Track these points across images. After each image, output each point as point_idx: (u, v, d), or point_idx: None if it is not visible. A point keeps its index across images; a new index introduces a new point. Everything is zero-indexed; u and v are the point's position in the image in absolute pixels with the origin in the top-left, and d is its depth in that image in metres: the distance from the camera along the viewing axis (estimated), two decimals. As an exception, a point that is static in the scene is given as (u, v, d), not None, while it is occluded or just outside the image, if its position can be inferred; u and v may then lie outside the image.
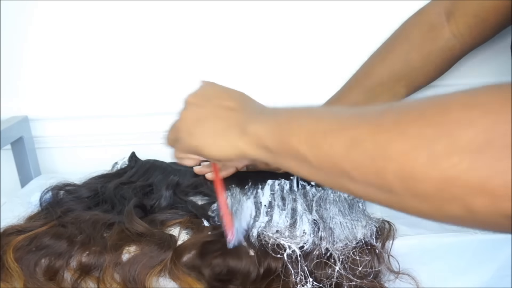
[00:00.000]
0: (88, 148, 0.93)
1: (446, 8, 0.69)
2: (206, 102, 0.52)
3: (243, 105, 0.51)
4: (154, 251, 0.57)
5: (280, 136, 0.43)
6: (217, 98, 0.52)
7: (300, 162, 0.41)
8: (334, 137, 0.38)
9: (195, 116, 0.51)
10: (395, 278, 0.57)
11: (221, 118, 0.49)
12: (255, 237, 0.59)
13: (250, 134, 0.46)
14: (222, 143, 0.48)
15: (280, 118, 0.45)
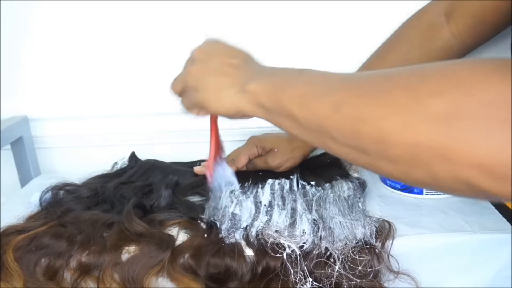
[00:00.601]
0: (88, 148, 0.93)
1: (445, 9, 0.69)
2: (212, 58, 0.54)
3: (245, 63, 0.53)
4: (153, 251, 0.57)
5: (274, 95, 0.46)
6: (222, 55, 0.54)
7: (291, 121, 0.44)
8: (320, 100, 0.41)
9: (201, 71, 0.53)
10: (395, 278, 0.57)
11: (224, 75, 0.51)
12: (254, 236, 0.59)
13: (248, 92, 0.48)
14: (223, 99, 0.51)
15: (276, 78, 0.48)
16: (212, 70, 0.52)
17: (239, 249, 0.58)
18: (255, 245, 0.58)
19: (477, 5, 0.66)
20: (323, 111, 0.40)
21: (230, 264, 0.56)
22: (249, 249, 0.58)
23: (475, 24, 0.67)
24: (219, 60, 0.53)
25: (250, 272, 0.56)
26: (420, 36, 0.71)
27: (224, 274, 0.56)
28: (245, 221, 0.62)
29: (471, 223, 0.61)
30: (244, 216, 0.64)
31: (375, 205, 0.67)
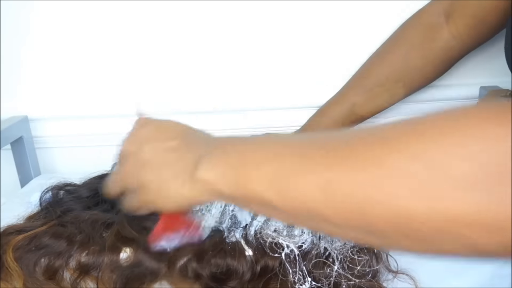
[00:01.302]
0: (88, 148, 0.93)
1: (445, 9, 0.69)
2: (143, 146, 0.44)
3: (187, 142, 0.44)
4: (145, 260, 0.57)
5: (235, 181, 0.37)
6: (155, 140, 0.45)
7: (267, 208, 0.36)
8: (303, 181, 0.33)
9: (136, 166, 0.44)
10: (394, 277, 0.57)
11: (164, 166, 0.43)
12: (252, 236, 0.59)
13: (199, 181, 0.40)
14: (171, 195, 0.42)
15: (231, 156, 0.39)
16: (147, 163, 0.44)
17: (239, 248, 0.58)
18: (253, 245, 0.58)
19: (477, 6, 0.66)
20: (310, 194, 0.32)
21: (231, 263, 0.56)
22: (248, 248, 0.58)
23: (475, 25, 0.67)
24: (152, 148, 0.44)
25: (250, 272, 0.56)
26: (420, 36, 0.71)
27: (225, 274, 0.56)
28: (244, 220, 0.63)
29: (470, 223, 0.61)
30: (244, 215, 0.64)
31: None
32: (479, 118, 0.27)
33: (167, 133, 0.45)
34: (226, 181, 0.38)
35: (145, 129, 0.46)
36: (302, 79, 0.87)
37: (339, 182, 0.31)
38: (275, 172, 0.35)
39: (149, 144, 0.44)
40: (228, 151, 0.40)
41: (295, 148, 0.35)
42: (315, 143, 0.35)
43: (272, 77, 0.87)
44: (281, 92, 0.88)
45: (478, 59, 0.84)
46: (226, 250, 0.57)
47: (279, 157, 0.35)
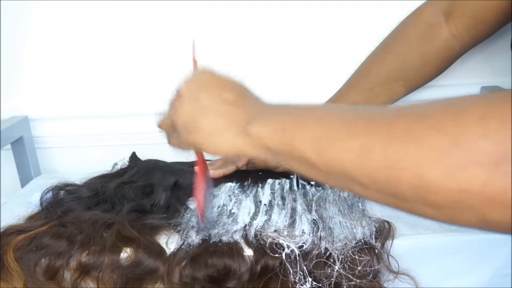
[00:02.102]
0: (88, 148, 0.93)
1: (444, 8, 0.69)
2: (202, 94, 0.47)
3: (242, 99, 0.47)
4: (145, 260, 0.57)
5: (283, 138, 0.41)
6: (213, 90, 0.48)
7: (306, 165, 0.40)
8: (342, 144, 0.37)
9: (192, 110, 0.48)
10: (395, 278, 0.57)
11: (220, 114, 0.46)
12: (252, 236, 0.59)
13: (251, 134, 0.44)
14: (221, 142, 0.46)
15: (282, 117, 0.43)
16: (204, 108, 0.47)
17: (237, 248, 0.58)
18: (254, 245, 0.58)
19: (477, 5, 0.65)
20: (346, 157, 0.36)
21: (228, 263, 0.56)
22: (248, 249, 0.58)
23: (475, 25, 0.67)
24: (211, 96, 0.47)
25: (249, 271, 0.56)
26: (418, 36, 0.71)
27: (223, 274, 0.56)
28: (243, 221, 0.63)
29: (471, 223, 0.61)
30: (241, 215, 0.64)
31: (375, 205, 0.67)
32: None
33: (225, 86, 0.48)
34: (275, 138, 0.42)
35: (206, 77, 0.49)
36: (301, 78, 0.87)
37: (373, 149, 0.35)
38: (318, 135, 0.39)
39: (209, 91, 0.47)
40: (280, 111, 0.44)
41: (338, 116, 0.39)
42: (356, 113, 0.39)
43: (272, 77, 0.87)
44: (281, 92, 0.88)
45: (479, 58, 0.84)
46: (223, 250, 0.57)
47: (323, 121, 0.39)
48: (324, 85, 0.83)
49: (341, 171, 0.37)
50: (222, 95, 0.47)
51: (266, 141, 0.43)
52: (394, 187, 0.34)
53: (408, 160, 0.33)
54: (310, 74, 0.87)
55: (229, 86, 0.48)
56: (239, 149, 0.45)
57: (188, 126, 0.48)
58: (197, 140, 0.47)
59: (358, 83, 0.75)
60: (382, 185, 0.35)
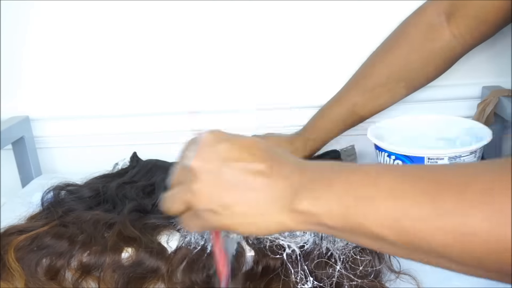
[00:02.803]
0: (89, 148, 0.93)
1: (445, 8, 0.69)
2: (227, 168, 0.39)
3: (274, 165, 0.39)
4: (146, 260, 0.57)
5: (348, 217, 0.35)
6: (237, 161, 0.39)
7: (379, 242, 0.35)
8: (430, 224, 0.32)
9: (214, 188, 0.39)
10: (396, 277, 0.57)
11: (253, 190, 0.38)
12: (253, 236, 0.59)
13: (300, 212, 0.37)
14: (262, 221, 0.39)
15: (337, 191, 0.36)
16: (232, 184, 0.38)
17: (237, 248, 0.58)
18: (255, 245, 0.58)
19: (478, 6, 0.65)
20: (436, 237, 0.32)
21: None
22: (249, 249, 0.58)
23: (476, 25, 0.67)
24: (235, 168, 0.39)
25: (250, 272, 0.56)
26: (420, 36, 0.71)
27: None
28: None
29: (473, 223, 0.61)
30: None
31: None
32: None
33: (252, 154, 0.39)
34: (333, 215, 0.36)
35: (223, 146, 0.40)
36: (302, 78, 0.87)
37: (468, 224, 0.31)
38: (395, 213, 0.33)
39: (231, 164, 0.39)
40: (332, 182, 0.37)
41: (414, 186, 0.34)
42: (431, 178, 0.34)
43: (273, 77, 0.87)
44: (282, 92, 0.88)
45: (480, 58, 0.83)
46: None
47: (397, 196, 0.34)
48: (325, 86, 0.83)
49: (428, 249, 0.33)
50: (251, 166, 0.39)
51: (321, 218, 0.36)
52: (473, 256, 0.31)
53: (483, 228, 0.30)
54: (311, 75, 0.87)
55: (255, 153, 0.39)
56: (285, 227, 0.39)
57: (214, 210, 0.39)
58: (230, 223, 0.39)
59: (359, 83, 0.75)
60: (465, 257, 0.32)
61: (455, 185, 0.32)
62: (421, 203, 0.33)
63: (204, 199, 0.39)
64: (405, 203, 0.33)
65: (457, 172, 0.33)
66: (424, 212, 0.32)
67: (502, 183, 0.30)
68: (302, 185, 0.38)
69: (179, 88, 0.89)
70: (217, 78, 0.88)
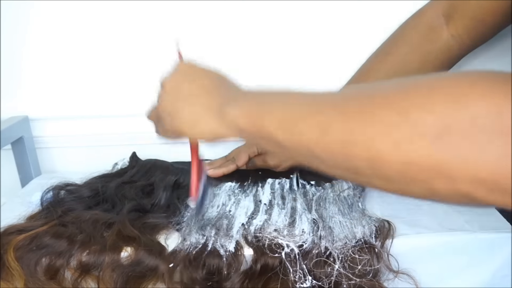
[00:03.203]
0: (88, 148, 0.93)
1: (444, 10, 0.69)
2: (182, 84, 0.52)
3: (219, 85, 0.51)
4: (146, 259, 0.57)
5: (254, 120, 0.45)
6: (192, 79, 0.52)
7: (275, 145, 0.43)
8: (304, 123, 0.40)
9: (173, 98, 0.52)
10: (394, 277, 0.57)
11: (198, 100, 0.50)
12: (252, 235, 0.59)
13: (225, 117, 0.47)
14: (199, 125, 0.50)
15: (253, 101, 0.47)
16: (184, 96, 0.51)
17: (235, 247, 0.58)
18: (253, 244, 0.58)
19: (477, 6, 0.65)
20: (309, 135, 0.39)
21: (223, 264, 0.56)
22: (248, 248, 0.58)
23: (474, 26, 0.67)
24: (190, 85, 0.52)
25: (249, 270, 0.56)
26: (419, 37, 0.71)
27: (221, 273, 0.56)
28: (239, 222, 0.63)
29: (471, 222, 0.61)
30: (239, 215, 0.64)
31: (375, 205, 0.68)
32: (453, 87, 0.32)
33: (203, 75, 0.52)
34: (247, 119, 0.45)
35: (187, 68, 0.55)
36: (302, 79, 0.87)
37: (330, 127, 0.37)
38: (284, 116, 0.42)
39: (186, 82, 0.52)
40: (252, 95, 0.48)
41: (301, 98, 0.43)
42: (317, 95, 0.42)
43: (273, 77, 0.87)
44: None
45: (481, 59, 0.83)
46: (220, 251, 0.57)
47: (288, 104, 0.43)
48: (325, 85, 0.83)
49: (305, 148, 0.40)
50: (200, 83, 0.51)
51: (239, 122, 0.46)
52: (350, 162, 0.37)
53: (361, 135, 0.35)
54: (311, 75, 0.87)
55: (208, 75, 0.52)
56: (217, 133, 0.49)
57: (170, 115, 0.52)
58: (180, 127, 0.52)
59: (359, 82, 0.75)
60: (339, 160, 0.38)
61: (334, 99, 0.40)
62: (301, 110, 0.41)
63: (164, 105, 0.53)
64: (291, 108, 0.42)
65: (344, 91, 0.42)
66: (301, 114, 0.41)
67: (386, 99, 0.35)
68: (232, 98, 0.48)
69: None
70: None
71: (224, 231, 0.60)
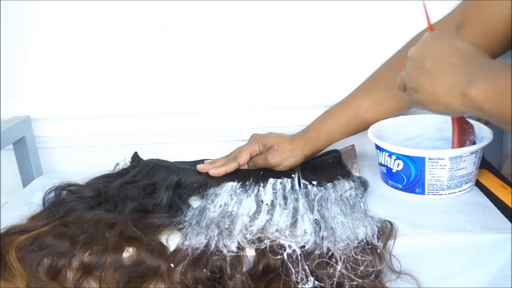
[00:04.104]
0: (90, 148, 0.93)
1: (456, 21, 0.70)
2: (427, 58, 0.54)
3: (465, 61, 0.52)
4: (147, 259, 0.57)
5: (497, 105, 0.48)
6: (439, 54, 0.54)
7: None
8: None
9: (417, 72, 0.55)
10: (397, 278, 0.57)
11: (440, 80, 0.53)
12: (254, 235, 0.59)
13: (469, 98, 0.50)
14: (441, 102, 0.53)
15: (499, 82, 0.48)
16: (428, 71, 0.54)
17: (237, 247, 0.58)
18: (255, 244, 0.58)
19: (488, 14, 0.66)
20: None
21: (228, 262, 0.56)
22: (250, 249, 0.58)
23: (485, 34, 0.67)
24: (435, 60, 0.53)
25: (251, 271, 0.56)
26: None
27: (224, 273, 0.56)
28: (241, 221, 0.63)
29: (473, 223, 0.61)
30: (241, 215, 0.64)
31: (377, 205, 0.67)
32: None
33: (451, 51, 0.53)
34: (490, 103, 0.49)
35: (435, 43, 0.55)
36: (303, 79, 0.87)
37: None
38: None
39: (432, 56, 0.54)
40: (498, 75, 0.49)
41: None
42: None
43: (273, 77, 0.87)
44: (283, 92, 0.88)
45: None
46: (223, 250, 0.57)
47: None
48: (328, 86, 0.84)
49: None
50: (446, 59, 0.53)
51: (481, 104, 0.49)
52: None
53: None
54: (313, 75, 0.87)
55: (454, 51, 0.53)
56: (456, 109, 0.53)
57: (413, 86, 0.56)
58: (422, 98, 0.56)
59: (367, 87, 0.76)
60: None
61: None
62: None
63: (410, 79, 0.56)
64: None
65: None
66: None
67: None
68: (476, 77, 0.50)
69: (179, 89, 0.89)
70: (217, 78, 0.88)
71: (226, 231, 0.60)
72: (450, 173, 0.66)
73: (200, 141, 0.91)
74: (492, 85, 0.48)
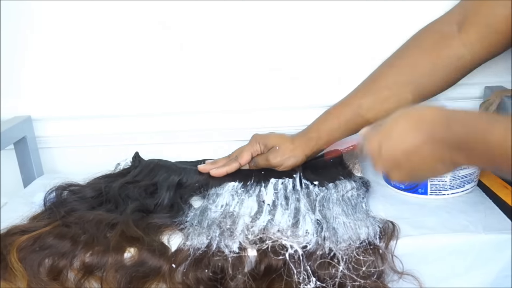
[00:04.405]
0: (91, 148, 0.93)
1: (457, 19, 0.69)
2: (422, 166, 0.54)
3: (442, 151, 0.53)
4: (149, 259, 0.57)
5: (471, 162, 0.56)
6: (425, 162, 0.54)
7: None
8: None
9: (406, 173, 0.56)
10: (399, 278, 0.57)
11: (429, 167, 0.54)
12: (256, 236, 0.59)
13: (452, 166, 0.56)
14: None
15: (475, 151, 0.50)
16: (417, 169, 0.55)
17: (239, 248, 0.58)
18: (257, 245, 0.58)
19: (490, 13, 0.65)
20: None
21: (229, 263, 0.56)
22: (252, 249, 0.58)
23: (487, 34, 0.67)
24: (427, 167, 0.54)
25: (252, 271, 0.56)
26: (430, 42, 0.71)
27: (226, 274, 0.56)
28: (243, 221, 0.63)
29: (475, 223, 0.61)
30: (242, 215, 0.64)
31: (379, 205, 0.67)
32: None
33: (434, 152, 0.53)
34: (467, 162, 0.56)
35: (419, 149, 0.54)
36: (303, 79, 0.87)
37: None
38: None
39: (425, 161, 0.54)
40: (472, 146, 0.50)
41: (481, 125, 0.49)
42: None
43: (273, 78, 0.87)
44: (284, 92, 0.88)
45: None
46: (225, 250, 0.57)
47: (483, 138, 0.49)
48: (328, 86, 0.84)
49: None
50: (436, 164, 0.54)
51: (461, 164, 0.58)
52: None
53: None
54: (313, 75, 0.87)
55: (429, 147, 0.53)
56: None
57: (411, 180, 0.63)
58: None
59: (368, 86, 0.76)
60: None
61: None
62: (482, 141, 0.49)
63: (399, 179, 0.59)
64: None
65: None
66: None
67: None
68: (457, 146, 0.51)
69: (179, 89, 0.89)
70: (217, 78, 0.88)
71: (228, 232, 0.60)
72: (453, 173, 0.66)
73: (200, 141, 0.91)
74: (469, 152, 0.51)
